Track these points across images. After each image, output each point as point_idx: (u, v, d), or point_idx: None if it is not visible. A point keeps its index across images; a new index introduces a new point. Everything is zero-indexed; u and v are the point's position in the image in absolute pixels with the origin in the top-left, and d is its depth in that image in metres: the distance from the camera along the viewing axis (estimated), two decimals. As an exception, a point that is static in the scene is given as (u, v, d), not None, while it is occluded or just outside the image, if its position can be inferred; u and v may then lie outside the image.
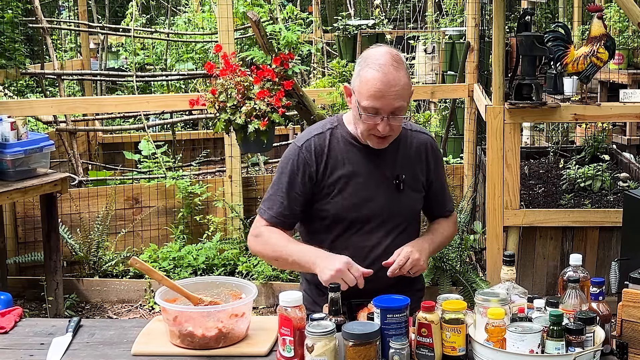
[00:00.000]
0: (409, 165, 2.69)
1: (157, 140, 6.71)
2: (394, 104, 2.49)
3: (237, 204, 5.58)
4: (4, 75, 6.13)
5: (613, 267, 3.77)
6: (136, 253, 5.47)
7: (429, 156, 2.73)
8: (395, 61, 2.51)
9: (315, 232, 2.71)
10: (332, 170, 2.63)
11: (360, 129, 2.58)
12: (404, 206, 2.67)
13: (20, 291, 5.21)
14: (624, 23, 7.36)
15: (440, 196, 2.81)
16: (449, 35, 7.79)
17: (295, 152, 2.66)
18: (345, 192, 2.63)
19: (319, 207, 2.65)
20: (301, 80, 7.98)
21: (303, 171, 2.63)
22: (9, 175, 4.57)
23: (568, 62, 4.52)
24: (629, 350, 2.17)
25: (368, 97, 2.48)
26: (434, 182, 2.76)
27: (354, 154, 2.65)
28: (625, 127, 7.13)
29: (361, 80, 2.51)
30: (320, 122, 2.81)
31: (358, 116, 2.54)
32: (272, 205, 2.65)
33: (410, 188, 2.68)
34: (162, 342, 2.35)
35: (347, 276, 2.43)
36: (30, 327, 2.54)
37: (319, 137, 2.67)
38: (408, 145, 2.70)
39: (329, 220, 2.65)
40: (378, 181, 2.64)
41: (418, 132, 2.75)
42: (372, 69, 2.49)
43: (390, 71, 2.48)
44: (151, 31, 8.09)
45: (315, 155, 2.63)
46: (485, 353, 2.08)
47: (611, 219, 4.59)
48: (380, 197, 2.64)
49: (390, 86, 2.47)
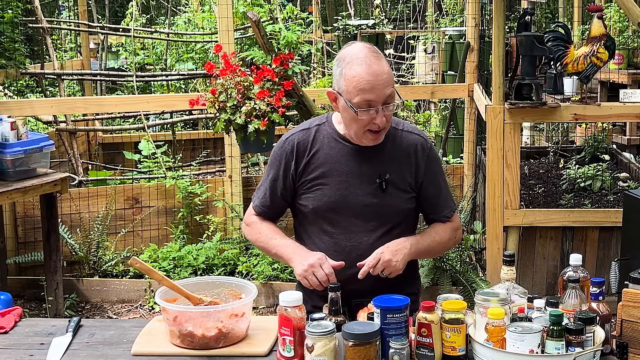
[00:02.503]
0: (396, 164, 2.66)
1: (157, 140, 6.71)
2: (386, 92, 2.50)
3: (237, 204, 5.58)
4: (4, 75, 6.13)
5: (613, 267, 3.77)
6: (136, 253, 5.47)
7: (419, 157, 2.68)
8: (372, 52, 2.53)
9: (300, 225, 2.77)
10: (314, 167, 2.66)
11: (354, 129, 2.58)
12: (387, 206, 2.64)
13: (20, 291, 5.21)
14: (624, 23, 7.35)
15: (435, 200, 2.74)
16: (449, 35, 7.79)
17: (280, 146, 2.72)
18: (325, 189, 2.64)
19: (300, 202, 2.70)
20: (301, 80, 7.98)
21: (285, 165, 2.68)
22: (9, 175, 4.57)
23: (568, 62, 4.52)
24: (629, 350, 2.17)
25: (359, 92, 2.49)
26: (425, 184, 2.70)
27: (338, 151, 2.66)
28: (625, 127, 7.14)
29: (347, 78, 2.51)
30: (310, 119, 2.84)
31: (351, 116, 2.54)
32: (259, 195, 2.77)
33: (396, 188, 2.65)
34: (162, 342, 2.35)
35: (318, 271, 2.49)
36: (30, 327, 2.54)
37: (304, 133, 2.70)
38: (397, 144, 2.67)
39: (310, 216, 2.68)
40: (360, 180, 2.64)
41: (409, 132, 2.72)
42: (355, 65, 2.49)
43: (373, 62, 2.50)
44: (151, 31, 8.09)
45: (297, 150, 2.67)
46: (485, 353, 2.08)
47: (611, 219, 4.59)
48: (361, 196, 2.63)
49: (377, 75, 2.48)
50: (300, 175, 2.67)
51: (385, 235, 2.63)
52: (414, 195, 2.70)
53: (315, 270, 2.49)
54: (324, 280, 2.48)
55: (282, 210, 2.79)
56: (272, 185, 2.72)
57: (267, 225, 2.75)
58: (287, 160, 2.68)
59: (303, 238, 2.76)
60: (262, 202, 2.75)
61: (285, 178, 2.69)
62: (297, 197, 2.71)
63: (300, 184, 2.68)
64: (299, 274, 2.54)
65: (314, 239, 2.69)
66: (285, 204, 2.76)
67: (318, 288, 2.50)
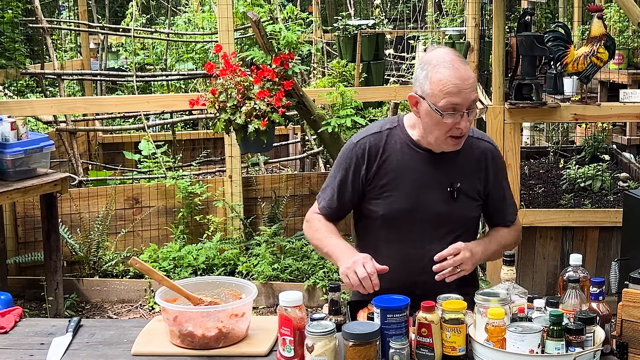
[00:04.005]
0: (467, 173, 2.65)
1: (157, 140, 6.71)
2: (471, 97, 2.49)
3: (237, 204, 5.58)
4: (4, 75, 6.13)
5: (613, 267, 3.77)
6: (136, 253, 5.47)
7: (489, 165, 2.68)
8: (458, 57, 2.53)
9: (366, 229, 2.74)
10: (384, 172, 2.63)
11: (435, 134, 2.55)
12: (456, 214, 2.63)
13: (20, 291, 5.21)
14: (624, 23, 7.35)
15: (500, 206, 2.75)
16: (449, 35, 7.79)
17: (350, 149, 2.68)
18: (395, 195, 2.61)
19: (369, 207, 2.67)
20: (301, 80, 7.98)
21: (355, 168, 2.65)
22: (9, 175, 4.57)
23: (568, 62, 4.52)
24: (629, 350, 2.17)
25: (445, 95, 2.46)
26: (492, 191, 2.70)
27: (410, 158, 2.63)
28: (625, 127, 7.13)
29: (433, 81, 2.48)
30: (380, 121, 2.80)
31: (434, 121, 2.50)
32: (325, 196, 2.74)
33: (466, 196, 2.64)
34: (162, 342, 2.35)
35: (360, 269, 2.43)
36: (30, 327, 2.54)
37: (375, 137, 2.66)
38: (468, 152, 2.65)
39: (378, 221, 2.65)
40: (431, 187, 2.61)
41: (480, 139, 2.71)
42: (442, 68, 2.48)
43: (460, 66, 2.49)
44: (151, 31, 8.09)
45: (369, 155, 2.64)
46: (485, 353, 2.08)
47: (611, 219, 4.59)
48: (432, 204, 2.61)
49: (464, 80, 2.47)
50: (371, 180, 2.64)
51: (451, 243, 2.58)
52: (481, 203, 2.70)
53: (357, 268, 2.44)
54: (364, 277, 2.42)
55: (347, 212, 2.77)
56: (340, 187, 2.69)
57: (326, 225, 2.72)
58: (357, 164, 2.65)
59: (366, 242, 2.73)
60: (329, 204, 2.72)
61: (354, 182, 2.66)
62: (365, 202, 2.68)
63: (370, 189, 2.65)
64: (342, 272, 2.50)
65: (380, 244, 2.66)
66: (351, 206, 2.73)
67: (359, 289, 2.45)
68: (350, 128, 4.82)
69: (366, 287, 2.42)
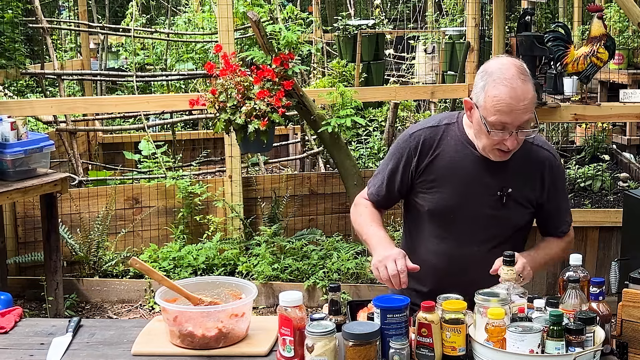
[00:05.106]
0: (521, 179, 2.59)
1: (157, 140, 6.71)
2: (523, 118, 2.42)
3: (237, 204, 5.58)
4: (4, 75, 6.13)
5: (613, 267, 3.78)
6: (136, 253, 5.47)
7: (545, 174, 2.62)
8: (521, 73, 2.43)
9: (412, 221, 2.73)
10: (435, 167, 2.60)
11: (483, 142, 2.51)
12: (504, 219, 2.59)
13: (20, 291, 5.21)
14: (624, 23, 7.36)
15: (554, 216, 2.70)
16: (449, 35, 7.80)
17: (405, 139, 2.66)
18: (443, 192, 2.59)
19: (416, 200, 2.65)
20: (301, 80, 7.98)
21: (407, 160, 2.63)
22: (9, 175, 4.57)
23: (568, 62, 4.52)
24: (629, 350, 2.17)
25: (496, 112, 2.41)
26: (547, 201, 2.64)
27: (464, 156, 2.59)
28: (625, 127, 7.13)
29: (487, 95, 2.42)
30: (439, 114, 2.76)
31: (483, 131, 2.47)
32: (375, 183, 2.73)
33: (516, 202, 2.59)
34: (162, 342, 2.35)
35: (390, 264, 2.41)
36: (30, 327, 2.54)
37: (431, 130, 2.63)
38: (526, 158, 2.59)
39: (425, 216, 2.64)
40: (480, 189, 2.57)
41: (540, 147, 2.63)
42: (499, 84, 2.41)
43: (519, 85, 2.40)
44: (151, 31, 8.09)
45: (422, 147, 2.61)
46: (485, 353, 2.08)
47: (611, 219, 4.59)
48: (478, 205, 2.58)
49: (519, 100, 2.40)
50: (421, 174, 2.61)
51: (496, 247, 2.55)
52: (533, 211, 2.66)
53: (388, 263, 2.42)
54: (393, 274, 2.40)
55: (395, 202, 2.76)
56: (390, 176, 2.67)
57: (371, 212, 2.71)
58: (409, 155, 2.62)
59: (412, 234, 2.72)
60: (378, 191, 2.71)
61: (405, 173, 2.63)
62: (413, 194, 2.66)
63: (419, 182, 2.62)
64: (373, 264, 2.48)
65: (425, 239, 2.65)
66: (399, 197, 2.71)
67: (387, 284, 2.44)
68: (350, 128, 4.83)
69: (394, 284, 2.42)
